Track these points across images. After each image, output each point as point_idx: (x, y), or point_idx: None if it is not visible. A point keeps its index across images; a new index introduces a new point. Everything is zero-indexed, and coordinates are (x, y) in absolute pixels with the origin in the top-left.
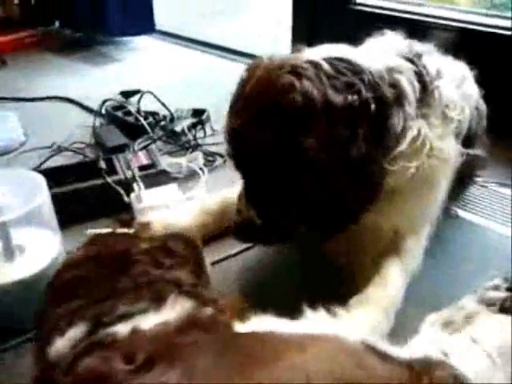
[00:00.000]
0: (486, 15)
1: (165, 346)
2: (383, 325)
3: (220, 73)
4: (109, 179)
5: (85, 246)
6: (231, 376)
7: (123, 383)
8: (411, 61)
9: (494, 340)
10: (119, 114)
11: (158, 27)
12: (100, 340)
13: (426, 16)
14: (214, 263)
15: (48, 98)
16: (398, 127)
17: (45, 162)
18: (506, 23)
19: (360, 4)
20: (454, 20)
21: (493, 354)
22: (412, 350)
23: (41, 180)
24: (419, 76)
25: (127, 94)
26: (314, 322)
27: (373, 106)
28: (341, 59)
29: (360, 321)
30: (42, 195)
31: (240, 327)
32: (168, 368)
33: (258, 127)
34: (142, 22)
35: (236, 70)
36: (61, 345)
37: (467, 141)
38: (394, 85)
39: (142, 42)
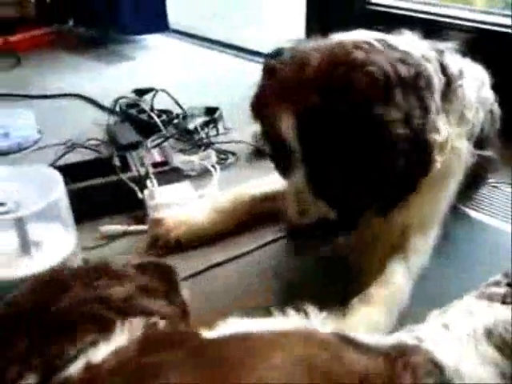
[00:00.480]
0: (502, 15)
1: (127, 372)
2: (385, 324)
3: (233, 72)
4: (123, 176)
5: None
6: None
7: None
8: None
9: (465, 326)
10: (133, 111)
11: (171, 26)
12: None
13: (441, 16)
14: (224, 262)
15: (62, 95)
16: (433, 115)
17: (59, 158)
18: None
19: (374, 4)
20: (469, 20)
21: (463, 339)
22: (387, 338)
23: (57, 176)
24: (443, 69)
25: (140, 92)
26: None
27: (422, 82)
28: (384, 40)
29: (361, 320)
30: (58, 191)
31: (208, 334)
32: None
33: (334, 106)
34: (156, 20)
35: (249, 70)
36: None
37: (479, 143)
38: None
39: (155, 40)
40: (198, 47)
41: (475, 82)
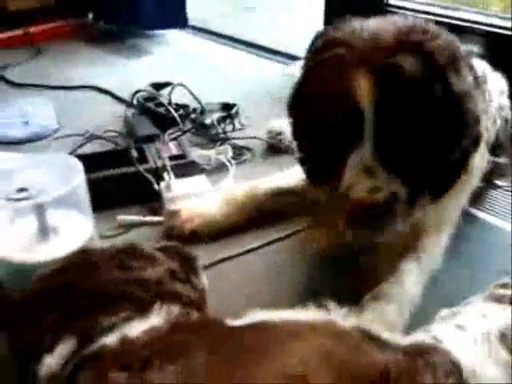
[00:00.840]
0: None
1: (157, 347)
2: (396, 321)
3: (250, 69)
4: (140, 167)
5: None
6: (230, 368)
7: None
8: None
9: (479, 328)
10: (150, 105)
11: (190, 22)
12: (92, 354)
13: (459, 20)
14: (237, 255)
15: (81, 87)
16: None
17: (78, 148)
18: None
19: (392, 5)
20: (485, 24)
21: (478, 340)
22: (407, 337)
23: (77, 164)
24: (471, 70)
25: (158, 86)
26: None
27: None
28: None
29: (374, 317)
30: (78, 179)
31: (232, 322)
32: (165, 365)
33: (413, 72)
34: (175, 16)
35: (266, 67)
36: (51, 362)
37: (493, 149)
38: None
39: (173, 35)
40: (215, 44)
41: (496, 88)
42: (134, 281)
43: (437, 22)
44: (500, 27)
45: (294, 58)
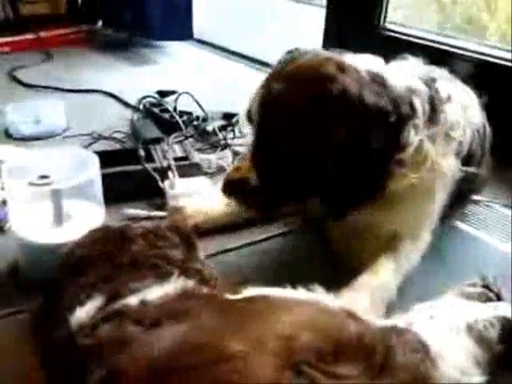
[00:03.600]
0: None
1: (169, 310)
2: (371, 312)
3: (250, 82)
4: (147, 166)
5: (89, 232)
6: (231, 328)
7: (135, 341)
8: (427, 84)
9: (449, 319)
10: (156, 110)
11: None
12: (115, 310)
13: (453, 47)
14: (234, 249)
15: (89, 91)
16: (407, 139)
17: (87, 147)
18: None
19: (388, 30)
20: (480, 53)
21: (446, 329)
22: (384, 320)
23: (93, 157)
24: (431, 100)
25: (163, 94)
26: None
27: (392, 118)
28: (374, 72)
29: (347, 303)
30: (93, 171)
31: (233, 297)
32: (175, 324)
33: (301, 101)
34: (182, 28)
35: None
36: (81, 314)
37: (467, 160)
38: (411, 104)
39: (178, 46)
40: (218, 56)
41: (461, 104)
42: (161, 256)
43: (429, 47)
44: (495, 57)
45: None
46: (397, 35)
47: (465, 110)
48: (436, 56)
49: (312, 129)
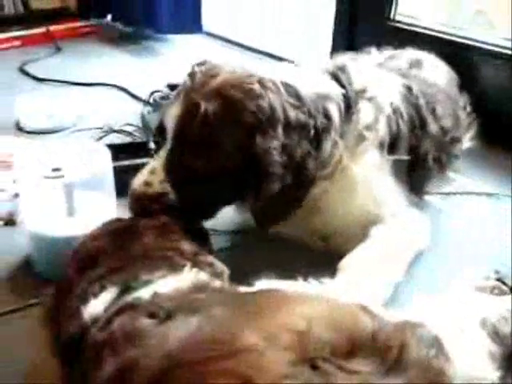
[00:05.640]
0: None
1: (182, 302)
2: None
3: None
4: None
5: (101, 225)
6: (244, 321)
7: (149, 334)
8: (337, 79)
9: (462, 313)
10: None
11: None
12: (128, 303)
13: (463, 38)
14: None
15: (99, 84)
16: (325, 150)
17: (97, 140)
18: None
19: (398, 21)
20: (488, 44)
21: (460, 324)
22: (395, 315)
23: (105, 151)
24: (346, 99)
25: (173, 87)
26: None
27: (312, 131)
28: (289, 85)
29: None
30: (104, 164)
31: (245, 289)
32: (188, 317)
33: (225, 119)
34: (191, 21)
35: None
36: (94, 306)
37: (393, 145)
38: (325, 113)
39: (188, 40)
40: (226, 49)
41: (388, 92)
42: (173, 248)
43: (438, 39)
44: (506, 47)
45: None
46: (407, 27)
47: (378, 102)
48: (446, 47)
49: (235, 146)
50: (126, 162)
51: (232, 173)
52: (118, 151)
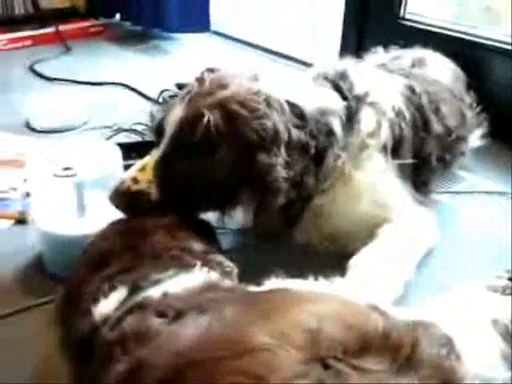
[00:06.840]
0: None
1: (192, 302)
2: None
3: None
4: None
5: (111, 224)
6: (255, 320)
7: (160, 333)
8: (338, 87)
9: (473, 313)
10: None
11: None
12: (138, 302)
13: (474, 36)
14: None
15: (108, 83)
16: (328, 166)
17: (107, 139)
18: None
19: (409, 20)
20: (497, 41)
21: (471, 324)
22: (407, 314)
23: (116, 150)
24: (348, 111)
25: (182, 87)
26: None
27: (312, 150)
28: (294, 105)
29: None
30: (116, 163)
31: (256, 289)
32: (199, 316)
33: (230, 132)
34: (199, 20)
35: (283, 73)
36: (105, 306)
37: (396, 148)
38: (328, 130)
39: (196, 39)
40: (234, 48)
41: (389, 95)
42: (182, 247)
43: (450, 37)
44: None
45: (308, 64)
46: (416, 25)
47: (380, 107)
48: (455, 45)
49: (232, 160)
50: (136, 161)
51: (221, 185)
52: (128, 150)
